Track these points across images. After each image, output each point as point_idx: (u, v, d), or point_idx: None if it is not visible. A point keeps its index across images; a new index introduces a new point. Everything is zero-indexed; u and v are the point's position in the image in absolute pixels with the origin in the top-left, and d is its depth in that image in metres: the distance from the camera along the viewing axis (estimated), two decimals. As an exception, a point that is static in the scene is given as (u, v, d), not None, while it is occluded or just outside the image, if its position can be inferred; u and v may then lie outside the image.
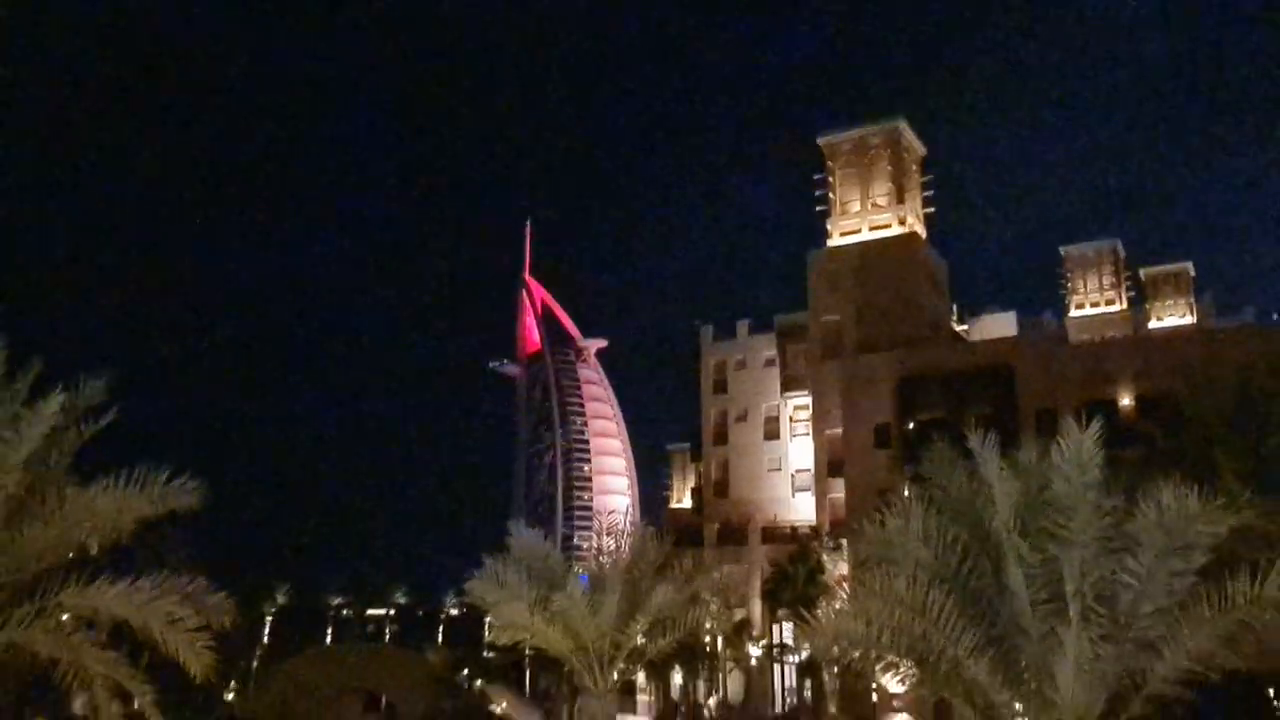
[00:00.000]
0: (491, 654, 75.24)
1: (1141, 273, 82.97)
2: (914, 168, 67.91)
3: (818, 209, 67.80)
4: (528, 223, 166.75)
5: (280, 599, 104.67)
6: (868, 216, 65.64)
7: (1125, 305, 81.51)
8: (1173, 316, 78.33)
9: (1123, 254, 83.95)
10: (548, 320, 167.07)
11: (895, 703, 46.36)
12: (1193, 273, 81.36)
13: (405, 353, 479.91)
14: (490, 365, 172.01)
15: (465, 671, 75.24)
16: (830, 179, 67.45)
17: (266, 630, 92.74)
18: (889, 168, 65.77)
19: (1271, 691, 31.85)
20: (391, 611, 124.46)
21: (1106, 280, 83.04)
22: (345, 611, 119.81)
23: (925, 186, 68.49)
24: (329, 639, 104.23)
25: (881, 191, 65.79)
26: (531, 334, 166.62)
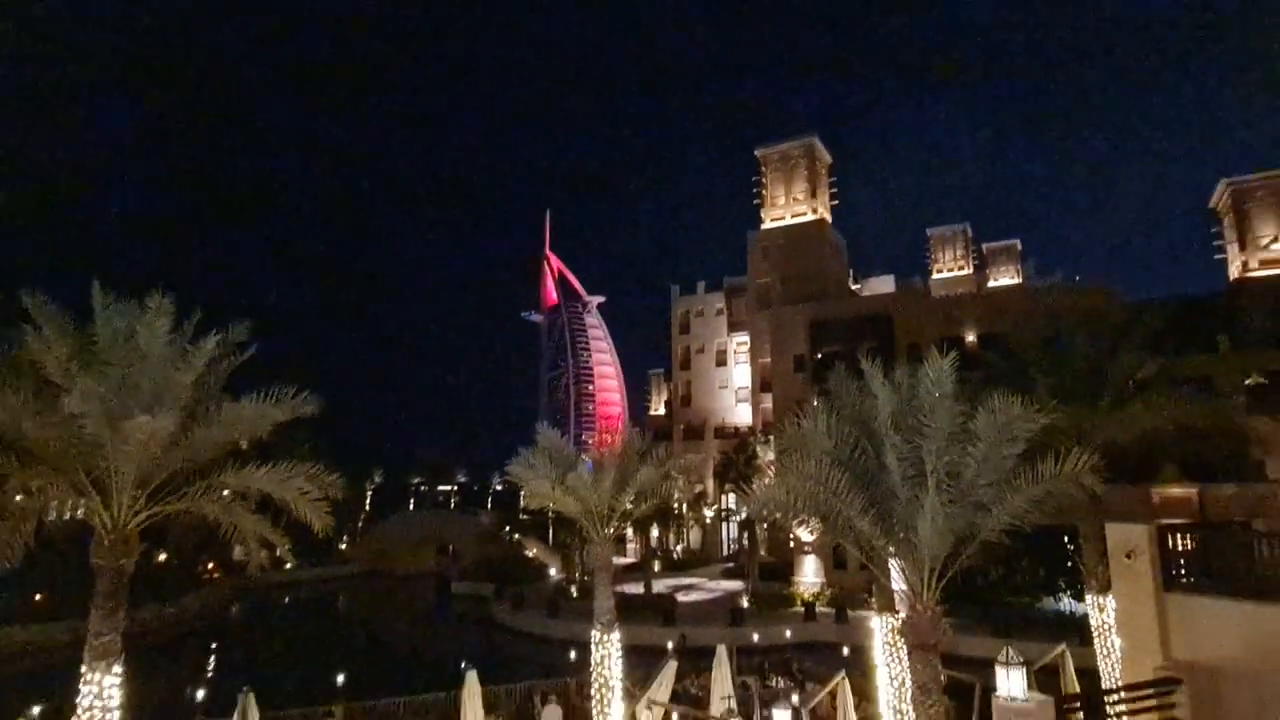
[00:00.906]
0: (525, 516, 76.33)
1: (983, 246, 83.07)
2: (823, 172, 67.46)
3: (755, 201, 67.34)
4: (547, 213, 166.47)
5: (376, 479, 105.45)
6: (790, 207, 65.35)
7: (971, 270, 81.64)
8: (1005, 278, 78.46)
9: (970, 234, 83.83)
10: (562, 282, 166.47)
11: (806, 547, 47.22)
12: (1020, 247, 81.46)
13: (464, 306, 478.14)
14: (522, 315, 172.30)
15: (507, 528, 76.42)
16: (764, 180, 66.96)
17: (367, 501, 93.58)
18: (805, 172, 65.38)
19: (1066, 539, 32.76)
20: (454, 487, 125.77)
21: (959, 252, 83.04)
22: (422, 487, 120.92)
23: (831, 185, 68.12)
24: (411, 506, 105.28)
25: (800, 189, 65.40)
26: (550, 293, 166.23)
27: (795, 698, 19.21)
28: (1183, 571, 12.47)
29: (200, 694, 22.95)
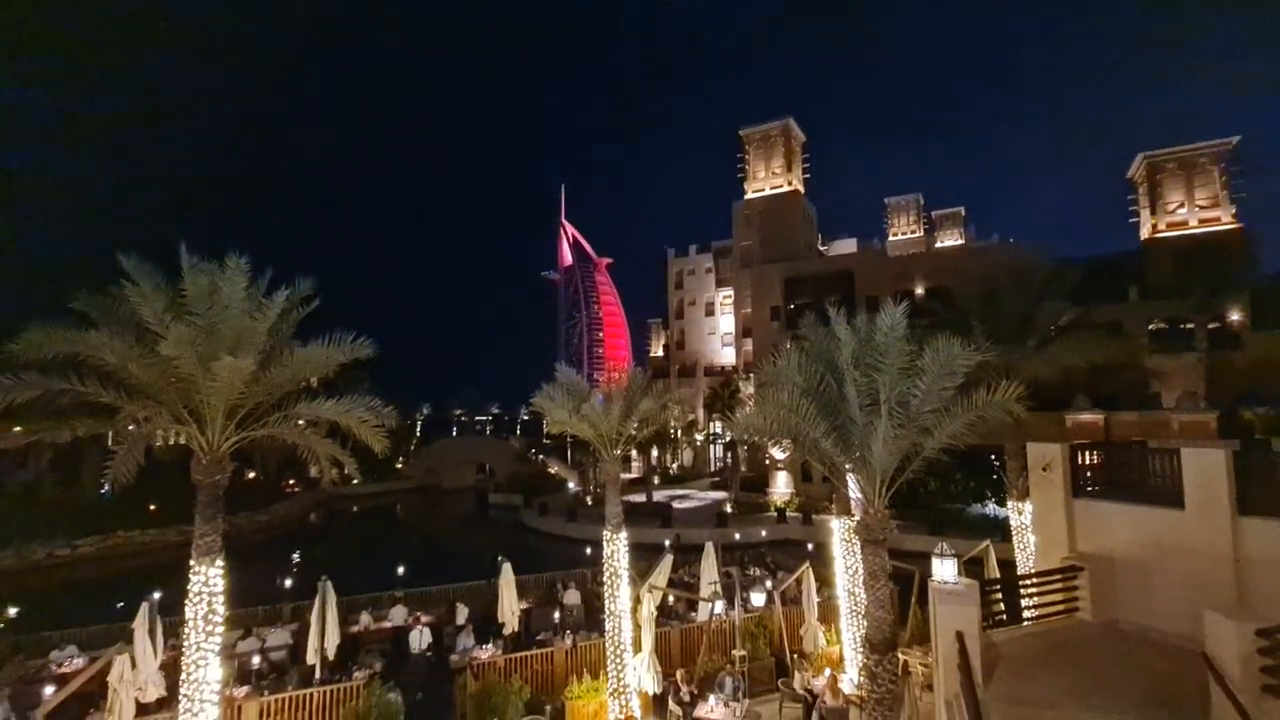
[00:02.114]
0: (548, 440, 77.33)
1: (932, 213, 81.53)
2: (798, 149, 65.66)
3: (739, 175, 65.77)
4: (563, 186, 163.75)
5: (424, 410, 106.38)
6: (769, 180, 63.82)
7: (922, 234, 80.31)
8: (951, 239, 77.10)
9: (922, 201, 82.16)
10: (576, 246, 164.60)
11: (779, 464, 47.85)
12: (964, 213, 79.94)
13: (493, 267, 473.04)
14: (543, 274, 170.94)
15: (533, 450, 77.38)
16: (747, 156, 65.23)
17: (417, 428, 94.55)
18: (783, 149, 63.61)
19: (993, 456, 33.13)
20: (489, 417, 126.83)
21: (911, 218, 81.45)
22: (462, 417, 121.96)
23: (805, 160, 66.39)
24: (453, 433, 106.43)
25: (778, 164, 63.75)
26: (566, 255, 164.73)
27: (769, 583, 19.79)
28: (1089, 481, 12.66)
29: (288, 583, 23.59)
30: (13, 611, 18.60)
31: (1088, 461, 12.81)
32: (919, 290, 46.58)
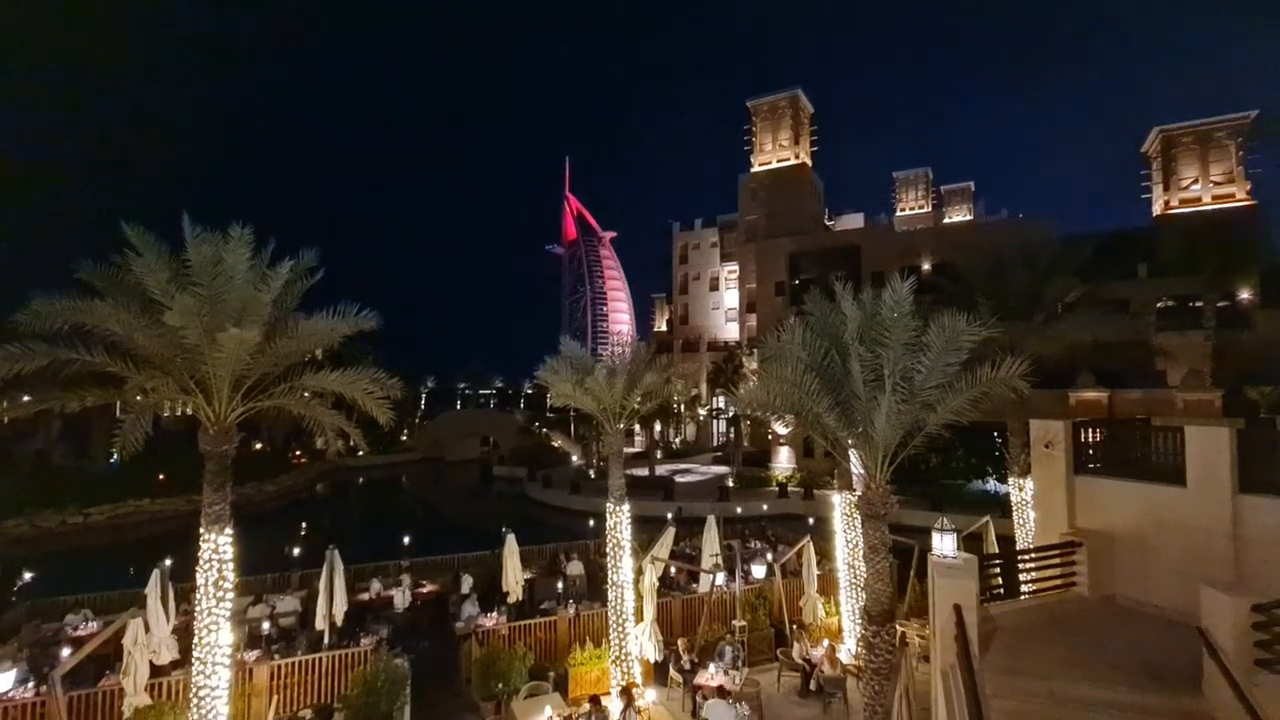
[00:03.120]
0: (551, 413, 77.70)
1: (941, 188, 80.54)
2: (806, 121, 64.41)
3: (746, 148, 64.75)
4: (567, 160, 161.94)
5: (429, 383, 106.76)
6: (776, 153, 62.83)
7: (930, 209, 79.46)
8: (959, 215, 76.47)
9: (931, 176, 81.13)
10: (580, 220, 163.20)
11: (781, 439, 48.08)
12: (973, 188, 78.96)
13: (499, 240, 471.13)
14: (547, 247, 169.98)
15: (536, 423, 77.83)
16: (754, 128, 64.11)
17: (422, 401, 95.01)
18: (790, 121, 62.43)
19: (995, 433, 33.20)
20: (493, 390, 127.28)
21: (920, 193, 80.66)
22: (466, 390, 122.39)
23: (812, 133, 65.23)
24: (458, 406, 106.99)
25: (785, 137, 62.67)
26: (571, 228, 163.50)
27: (769, 556, 20.03)
28: (1090, 458, 12.70)
29: (296, 551, 23.98)
30: (28, 576, 19.00)
31: (1090, 438, 12.84)
32: (926, 266, 46.18)
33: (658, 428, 61.01)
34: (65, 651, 13.60)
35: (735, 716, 11.15)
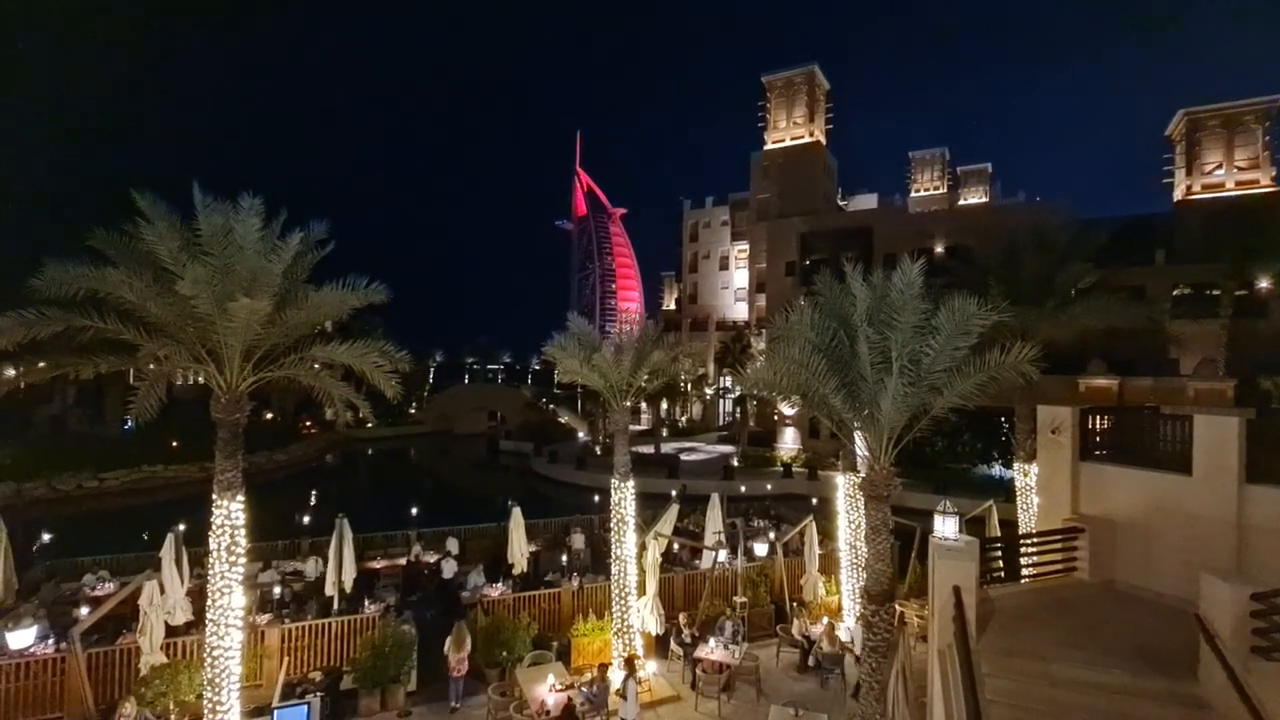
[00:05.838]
0: (558, 389, 78.11)
1: (958, 169, 79.17)
2: (822, 98, 63.14)
3: (759, 124, 63.71)
4: (578, 134, 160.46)
5: (438, 357, 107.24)
6: (790, 130, 61.77)
7: (946, 190, 78.19)
8: (975, 197, 75.22)
9: (948, 157, 79.66)
10: (590, 195, 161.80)
11: (787, 420, 48.18)
12: (990, 170, 77.58)
13: (508, 214, 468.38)
14: (557, 223, 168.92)
15: (544, 399, 78.25)
16: (768, 105, 62.97)
17: (431, 375, 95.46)
18: (805, 98, 61.23)
19: (1001, 418, 33.10)
20: (501, 365, 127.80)
21: (936, 174, 79.29)
22: (474, 365, 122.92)
23: (828, 110, 64.02)
24: (466, 380, 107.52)
25: (800, 114, 61.53)
26: (580, 204, 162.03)
27: (772, 535, 20.22)
28: (1097, 445, 12.66)
29: (306, 519, 24.39)
30: (46, 537, 19.48)
31: (1098, 426, 12.79)
32: (939, 248, 45.64)
33: (664, 406, 61.14)
34: (84, 610, 14.02)
35: None
